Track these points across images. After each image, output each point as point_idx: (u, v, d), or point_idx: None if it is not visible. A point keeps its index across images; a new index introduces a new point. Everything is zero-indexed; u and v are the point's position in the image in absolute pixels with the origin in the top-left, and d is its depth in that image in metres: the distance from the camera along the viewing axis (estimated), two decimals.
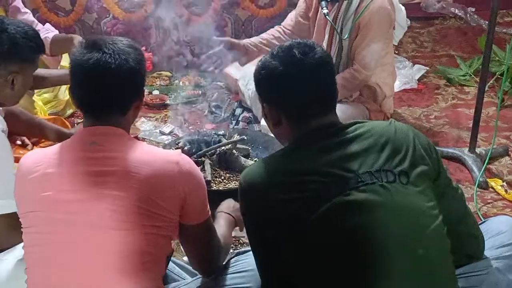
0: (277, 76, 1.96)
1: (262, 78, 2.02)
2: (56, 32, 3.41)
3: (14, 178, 2.06)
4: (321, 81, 1.98)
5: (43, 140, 3.06)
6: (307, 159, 1.88)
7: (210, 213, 2.08)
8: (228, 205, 2.36)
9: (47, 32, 3.37)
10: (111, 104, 2.01)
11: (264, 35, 3.64)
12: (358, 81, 3.27)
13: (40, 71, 3.05)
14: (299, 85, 1.95)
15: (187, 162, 2.00)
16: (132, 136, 3.36)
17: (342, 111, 2.84)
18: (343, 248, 1.78)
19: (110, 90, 2.00)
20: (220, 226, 2.24)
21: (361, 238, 1.79)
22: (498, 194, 3.18)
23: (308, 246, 1.81)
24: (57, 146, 2.03)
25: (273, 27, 4.04)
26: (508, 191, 3.18)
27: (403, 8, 3.57)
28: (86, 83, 2.01)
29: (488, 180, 3.24)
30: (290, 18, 3.65)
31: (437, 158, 1.95)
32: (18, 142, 2.87)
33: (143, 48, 3.85)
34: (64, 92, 3.65)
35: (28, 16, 3.44)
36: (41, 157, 2.00)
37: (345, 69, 3.29)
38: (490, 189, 3.22)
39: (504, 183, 3.24)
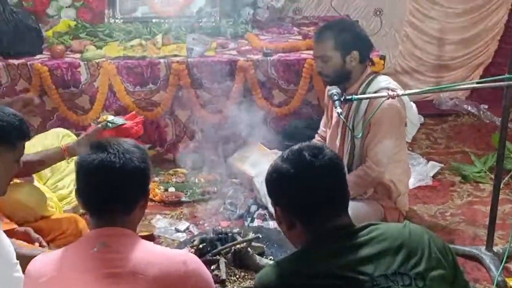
0: (288, 179, 1.97)
1: (273, 182, 2.03)
2: None
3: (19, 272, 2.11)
4: (332, 183, 1.99)
5: (59, 236, 3.02)
6: (321, 262, 1.86)
7: None
8: None
9: None
10: (117, 204, 2.02)
11: None
12: (371, 178, 3.26)
13: (34, 156, 3.12)
14: (310, 188, 1.95)
15: (195, 262, 2.00)
16: (147, 233, 3.39)
17: (356, 209, 2.81)
18: None
19: (116, 190, 2.01)
20: None
21: None
22: None
23: None
24: (65, 249, 2.03)
25: (288, 125, 4.09)
26: None
27: (414, 105, 3.59)
28: (92, 183, 2.02)
29: (506, 279, 3.18)
30: (322, 125, 3.71)
31: (454, 261, 1.94)
32: (36, 244, 2.81)
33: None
34: None
35: None
36: (51, 260, 2.00)
37: (358, 167, 3.28)
38: None
39: None
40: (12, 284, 2.14)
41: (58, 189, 3.61)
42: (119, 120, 3.28)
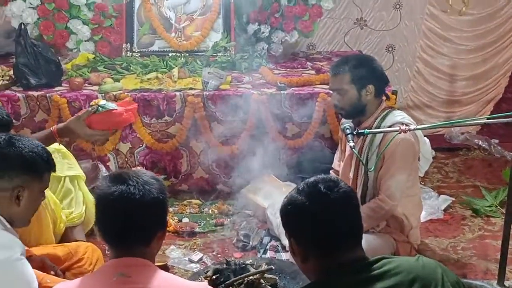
0: (303, 212, 1.97)
1: (288, 214, 2.02)
2: None
3: None
4: (347, 216, 1.98)
5: (75, 265, 3.02)
6: None
7: None
8: None
9: None
10: (136, 235, 2.03)
11: None
12: (384, 211, 3.26)
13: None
14: (325, 221, 1.95)
15: None
16: (161, 264, 3.39)
17: (368, 241, 2.81)
18: None
19: (135, 221, 2.02)
20: None
21: None
22: None
23: None
24: (85, 277, 2.05)
25: (301, 158, 4.09)
26: None
27: (427, 140, 3.59)
28: (112, 214, 2.04)
29: None
30: (337, 159, 3.73)
31: None
32: (52, 273, 2.79)
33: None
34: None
35: None
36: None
37: (371, 199, 3.29)
38: None
39: None
40: None
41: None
42: (110, 105, 3.27)
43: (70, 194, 3.54)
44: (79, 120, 3.18)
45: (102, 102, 3.28)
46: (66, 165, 3.55)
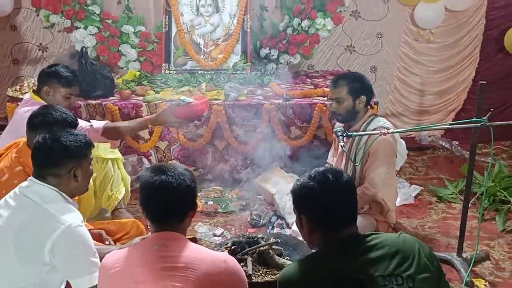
0: (314, 194, 1.97)
1: (301, 196, 2.01)
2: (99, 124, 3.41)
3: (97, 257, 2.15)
4: (348, 200, 2.00)
5: (124, 237, 3.01)
6: (335, 263, 1.86)
7: None
8: None
9: (95, 125, 3.36)
10: (172, 214, 2.04)
11: None
12: (368, 197, 3.26)
13: (124, 124, 3.51)
14: (331, 202, 1.96)
15: (232, 260, 2.02)
16: (191, 237, 3.38)
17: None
18: None
19: (172, 203, 2.03)
20: None
21: None
22: None
23: None
24: (132, 247, 2.07)
25: (302, 154, 4.09)
26: None
27: (403, 141, 3.60)
28: (154, 198, 2.05)
29: (473, 280, 3.14)
30: (331, 155, 3.71)
31: (438, 266, 1.93)
32: (106, 243, 2.82)
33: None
34: None
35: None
36: (119, 257, 2.02)
37: (358, 187, 3.27)
38: (475, 287, 3.10)
39: (487, 283, 3.13)
40: (91, 266, 2.16)
41: (103, 190, 3.57)
42: (188, 99, 3.35)
43: (111, 174, 3.55)
44: (167, 112, 3.33)
45: (182, 97, 3.40)
46: (109, 149, 3.58)
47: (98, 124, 3.37)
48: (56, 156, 2.25)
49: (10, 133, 3.25)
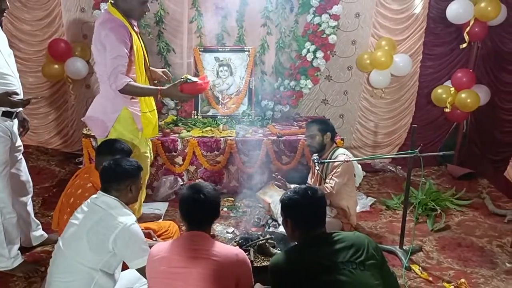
0: (297, 205, 1.97)
1: (288, 205, 2.02)
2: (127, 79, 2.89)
3: (147, 244, 2.14)
4: (320, 209, 2.00)
5: (164, 234, 2.99)
6: (309, 253, 1.89)
7: (254, 283, 2.05)
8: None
9: (125, 79, 2.87)
10: (202, 221, 2.04)
11: None
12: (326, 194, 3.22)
13: (138, 85, 2.88)
14: (309, 211, 1.96)
15: (242, 253, 2.02)
16: (211, 234, 3.35)
17: (328, 222, 2.84)
18: None
19: (203, 214, 2.03)
20: None
21: None
22: (417, 274, 3.08)
23: None
24: (170, 241, 2.06)
25: (290, 175, 4.09)
26: (423, 272, 3.08)
27: (359, 166, 3.66)
28: (189, 208, 2.04)
29: (411, 265, 3.16)
30: (310, 177, 3.69)
31: (382, 255, 1.95)
32: (154, 239, 2.80)
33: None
34: None
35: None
36: (161, 247, 2.04)
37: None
38: (412, 271, 3.10)
39: (420, 268, 3.14)
40: (142, 251, 2.17)
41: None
42: (194, 78, 2.96)
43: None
44: (175, 86, 2.92)
45: (189, 76, 2.99)
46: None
47: (123, 79, 2.88)
48: (118, 176, 2.29)
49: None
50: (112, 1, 2.95)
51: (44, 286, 2.34)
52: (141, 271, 2.15)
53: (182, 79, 2.96)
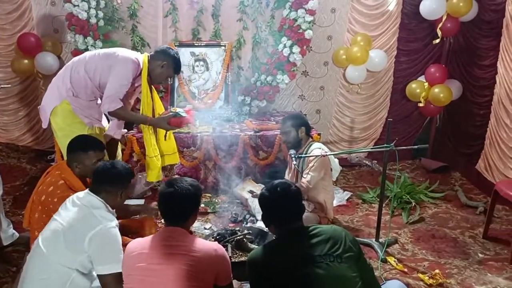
0: (269, 201, 1.99)
1: (260, 201, 2.05)
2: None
3: (122, 252, 2.07)
4: (295, 203, 2.00)
5: (142, 230, 2.95)
6: (287, 247, 1.89)
7: (232, 278, 2.04)
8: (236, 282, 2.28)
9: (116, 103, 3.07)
10: (178, 216, 2.02)
11: None
12: (303, 189, 3.24)
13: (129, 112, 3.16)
14: (282, 206, 1.96)
15: (221, 248, 2.00)
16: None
17: (305, 217, 2.85)
18: None
19: (180, 208, 2.01)
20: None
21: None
22: (392, 266, 3.11)
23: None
24: (148, 237, 2.02)
25: (267, 170, 4.10)
26: (398, 264, 3.11)
27: (336, 160, 3.66)
28: (168, 204, 2.02)
29: (386, 257, 3.19)
30: (287, 171, 3.68)
31: (359, 248, 1.96)
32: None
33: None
34: None
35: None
36: (138, 243, 2.01)
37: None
38: (388, 263, 3.14)
39: (396, 259, 3.18)
40: (114, 257, 2.12)
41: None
42: (183, 113, 3.22)
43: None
44: (164, 120, 3.20)
45: (178, 109, 3.26)
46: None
47: (118, 103, 3.07)
48: (114, 179, 2.27)
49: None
50: (149, 57, 3.21)
51: (16, 287, 2.26)
52: (104, 279, 2.07)
53: (171, 113, 3.20)
